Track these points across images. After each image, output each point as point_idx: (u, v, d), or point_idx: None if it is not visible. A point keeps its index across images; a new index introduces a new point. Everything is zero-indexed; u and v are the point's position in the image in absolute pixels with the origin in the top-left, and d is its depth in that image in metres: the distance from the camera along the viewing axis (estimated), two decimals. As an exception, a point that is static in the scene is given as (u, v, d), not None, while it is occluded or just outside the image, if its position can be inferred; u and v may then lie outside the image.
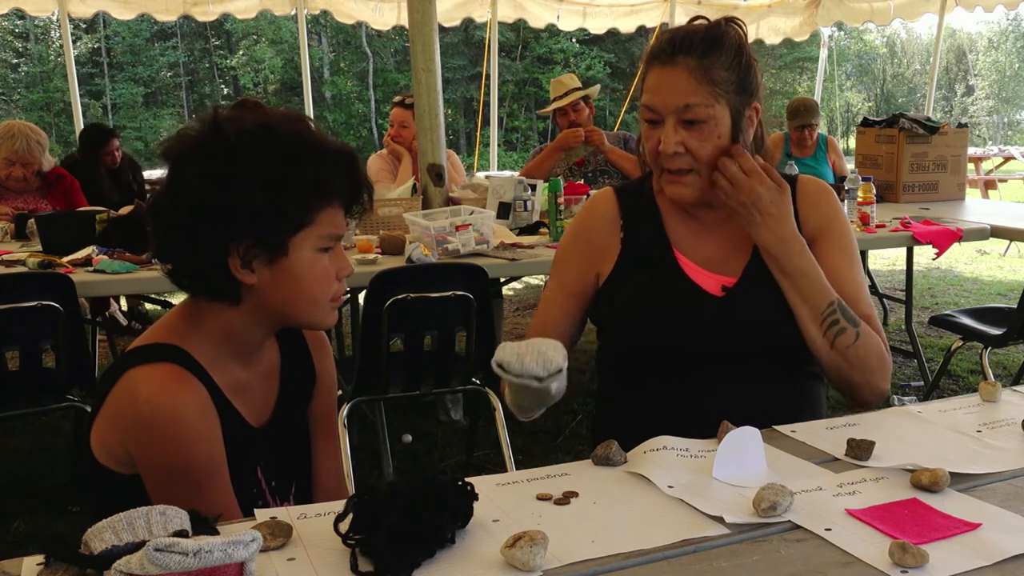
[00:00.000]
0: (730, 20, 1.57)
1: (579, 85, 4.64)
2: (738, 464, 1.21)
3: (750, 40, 1.60)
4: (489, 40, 8.99)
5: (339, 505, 1.03)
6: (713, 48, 1.51)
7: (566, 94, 4.55)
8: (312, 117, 1.39)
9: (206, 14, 7.76)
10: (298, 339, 1.49)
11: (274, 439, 1.42)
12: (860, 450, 1.27)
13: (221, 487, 1.28)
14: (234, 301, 1.29)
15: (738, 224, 1.60)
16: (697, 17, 1.58)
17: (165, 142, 1.29)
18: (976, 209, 4.82)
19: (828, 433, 1.38)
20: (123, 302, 5.95)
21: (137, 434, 1.24)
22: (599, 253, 1.65)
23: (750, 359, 1.56)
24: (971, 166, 11.37)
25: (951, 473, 1.16)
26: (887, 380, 1.58)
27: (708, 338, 1.54)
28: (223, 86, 28.38)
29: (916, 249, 4.42)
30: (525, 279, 7.08)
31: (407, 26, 4.11)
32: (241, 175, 1.23)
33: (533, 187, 3.93)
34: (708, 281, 1.58)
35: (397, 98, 4.82)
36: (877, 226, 3.90)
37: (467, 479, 1.08)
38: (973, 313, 3.89)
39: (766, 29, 9.12)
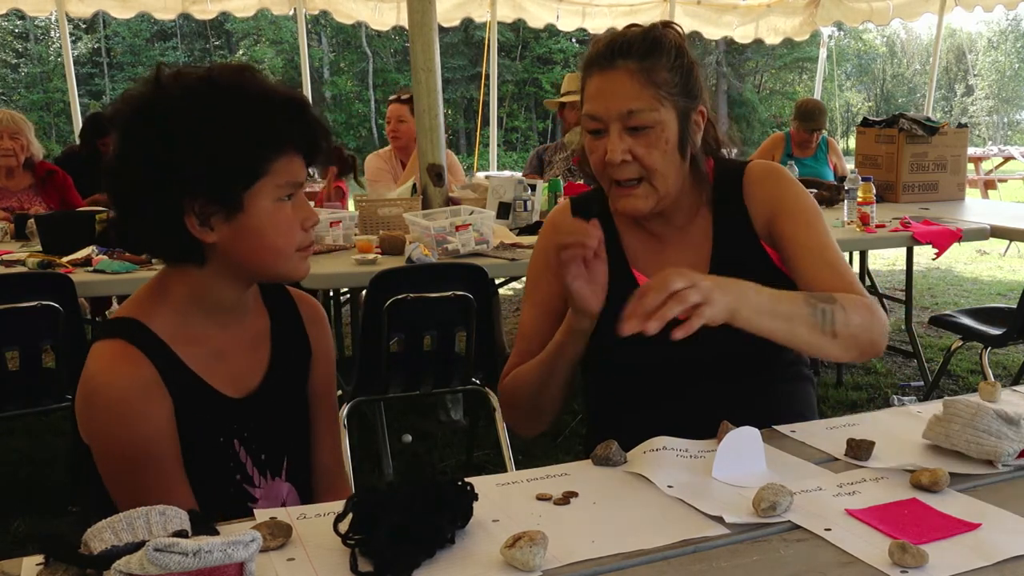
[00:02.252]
0: (667, 24, 1.52)
1: None
2: (738, 464, 1.21)
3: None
4: (489, 40, 8.98)
5: (339, 505, 1.03)
6: (653, 50, 1.45)
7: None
8: (257, 67, 1.36)
9: (204, 12, 7.76)
10: (289, 308, 1.46)
11: (261, 410, 1.38)
12: (860, 450, 1.27)
13: (165, 470, 1.26)
14: (198, 261, 1.28)
15: (695, 234, 1.56)
16: (633, 25, 1.53)
17: (111, 106, 1.28)
18: (976, 209, 4.82)
19: (828, 433, 1.38)
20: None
21: (82, 409, 1.27)
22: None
23: (729, 370, 1.52)
24: (971, 166, 11.36)
25: (951, 473, 1.16)
26: (885, 326, 1.45)
27: (675, 355, 1.38)
28: (223, 86, 28.34)
29: (916, 249, 4.42)
30: (525, 279, 7.06)
31: (407, 26, 4.11)
32: (186, 132, 1.21)
33: (533, 187, 3.93)
34: None
35: (393, 96, 4.84)
36: (877, 226, 3.89)
37: (467, 479, 1.08)
38: (973, 313, 3.89)
39: (765, 29, 9.08)
